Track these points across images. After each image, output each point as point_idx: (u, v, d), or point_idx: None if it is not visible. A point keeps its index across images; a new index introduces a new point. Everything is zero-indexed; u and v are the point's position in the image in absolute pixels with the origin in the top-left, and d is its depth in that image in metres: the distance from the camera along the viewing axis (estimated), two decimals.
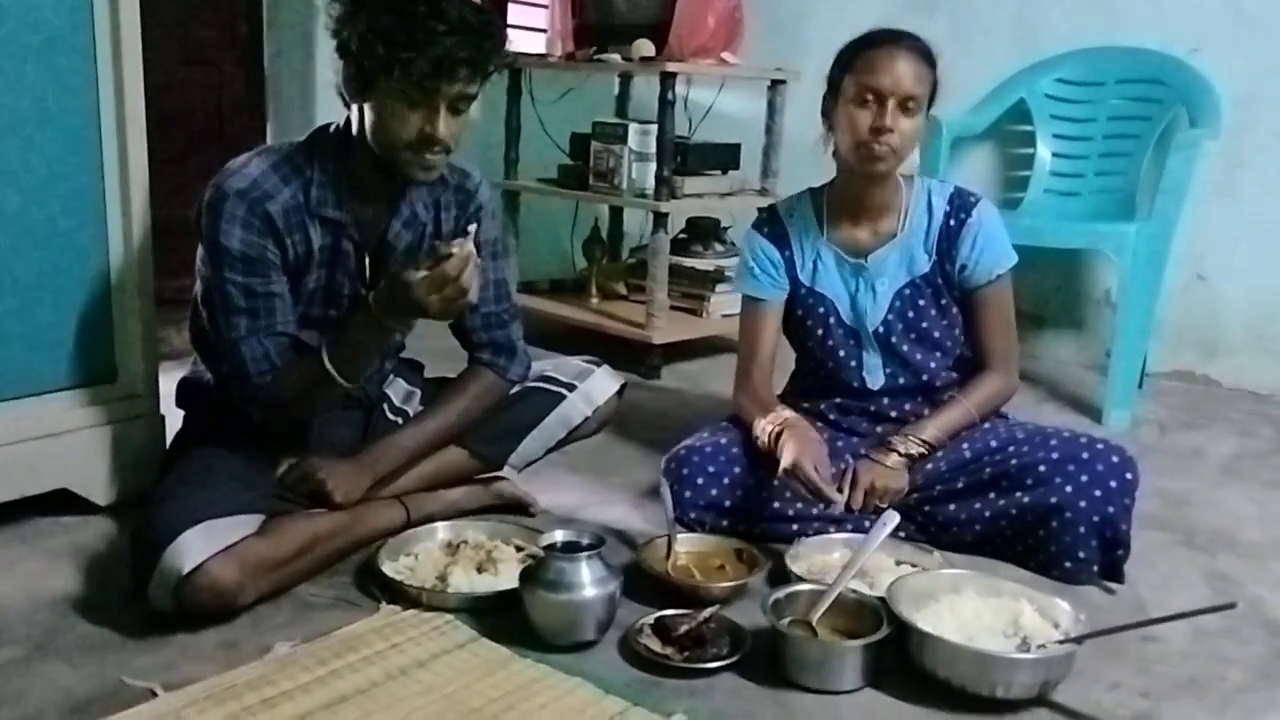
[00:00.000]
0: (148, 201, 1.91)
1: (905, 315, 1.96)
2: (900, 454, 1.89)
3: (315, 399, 1.70)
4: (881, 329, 1.97)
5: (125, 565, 1.57)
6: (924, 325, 1.97)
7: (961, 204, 1.95)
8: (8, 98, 1.72)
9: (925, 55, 1.84)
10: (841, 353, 1.99)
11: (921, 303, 1.96)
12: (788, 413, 1.87)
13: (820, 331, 2.00)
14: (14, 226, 1.76)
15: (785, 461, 1.75)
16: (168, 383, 1.94)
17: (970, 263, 1.93)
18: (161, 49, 1.92)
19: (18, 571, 1.68)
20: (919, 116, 1.83)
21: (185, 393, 1.87)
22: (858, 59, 1.84)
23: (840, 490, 1.83)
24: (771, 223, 2.04)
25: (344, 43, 1.60)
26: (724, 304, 3.26)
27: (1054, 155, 3.26)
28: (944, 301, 1.96)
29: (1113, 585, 1.80)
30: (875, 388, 2.00)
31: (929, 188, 1.98)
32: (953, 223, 1.94)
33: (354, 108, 1.66)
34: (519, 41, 3.28)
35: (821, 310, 1.99)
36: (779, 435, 1.81)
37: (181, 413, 1.89)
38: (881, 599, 1.53)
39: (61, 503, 1.86)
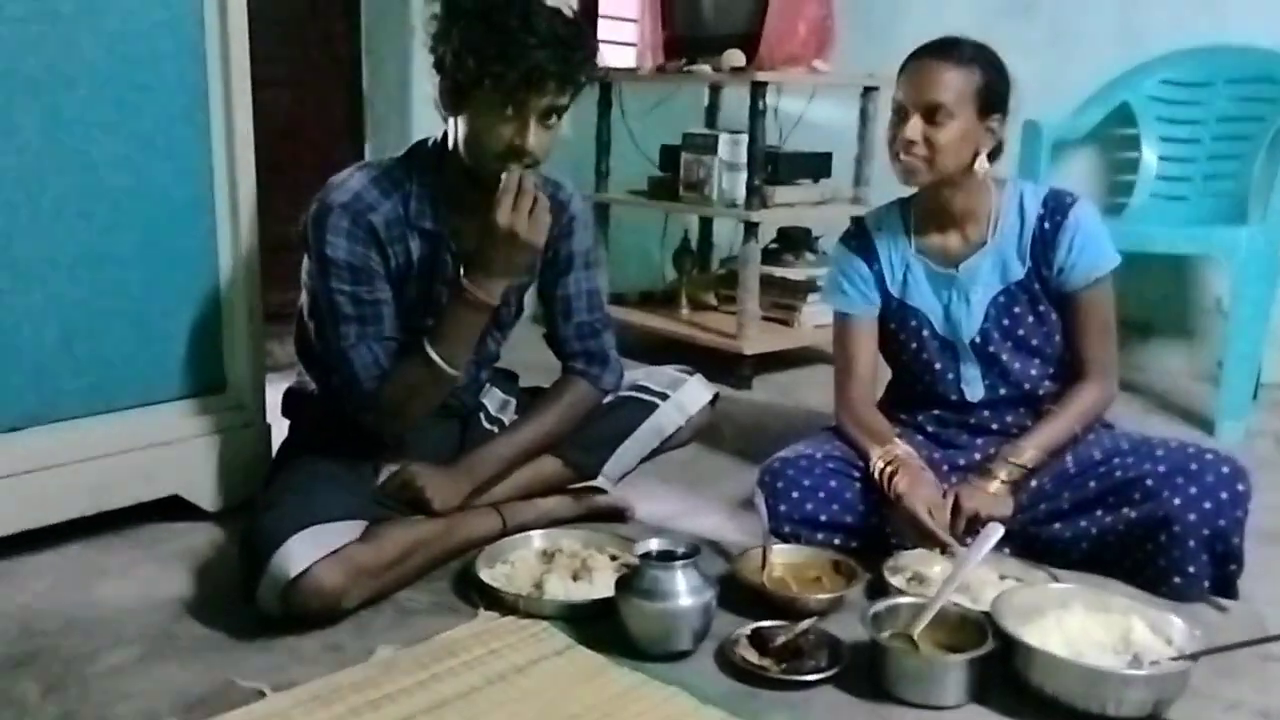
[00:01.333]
0: (255, 218, 1.97)
1: (1001, 324, 1.92)
2: (1003, 480, 1.84)
3: (425, 397, 1.73)
4: (978, 339, 1.92)
5: (234, 569, 1.62)
6: (1021, 333, 1.92)
7: (1057, 205, 1.89)
8: (126, 121, 1.80)
9: (964, 61, 1.79)
10: (938, 365, 1.96)
11: (1018, 310, 1.91)
12: (900, 448, 1.84)
13: (914, 345, 1.96)
14: (129, 244, 1.83)
15: (900, 504, 1.75)
16: (273, 394, 2.00)
17: (1068, 265, 1.87)
18: (262, 70, 1.99)
19: (133, 575, 1.75)
20: (955, 124, 1.77)
21: (290, 402, 1.93)
22: (899, 77, 1.84)
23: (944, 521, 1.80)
24: (859, 236, 2.01)
25: (440, 58, 1.64)
26: (816, 314, 3.22)
27: (1160, 159, 3.15)
28: (1042, 308, 1.91)
29: (1225, 602, 1.73)
30: (975, 400, 1.95)
31: (1022, 191, 1.92)
32: (1047, 225, 1.88)
33: (450, 121, 1.69)
34: (609, 56, 3.32)
35: (914, 323, 1.96)
36: (892, 474, 1.80)
37: (287, 422, 1.95)
38: (985, 613, 1.49)
39: (173, 509, 1.93)
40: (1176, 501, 1.71)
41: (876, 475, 1.82)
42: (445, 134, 1.72)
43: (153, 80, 1.82)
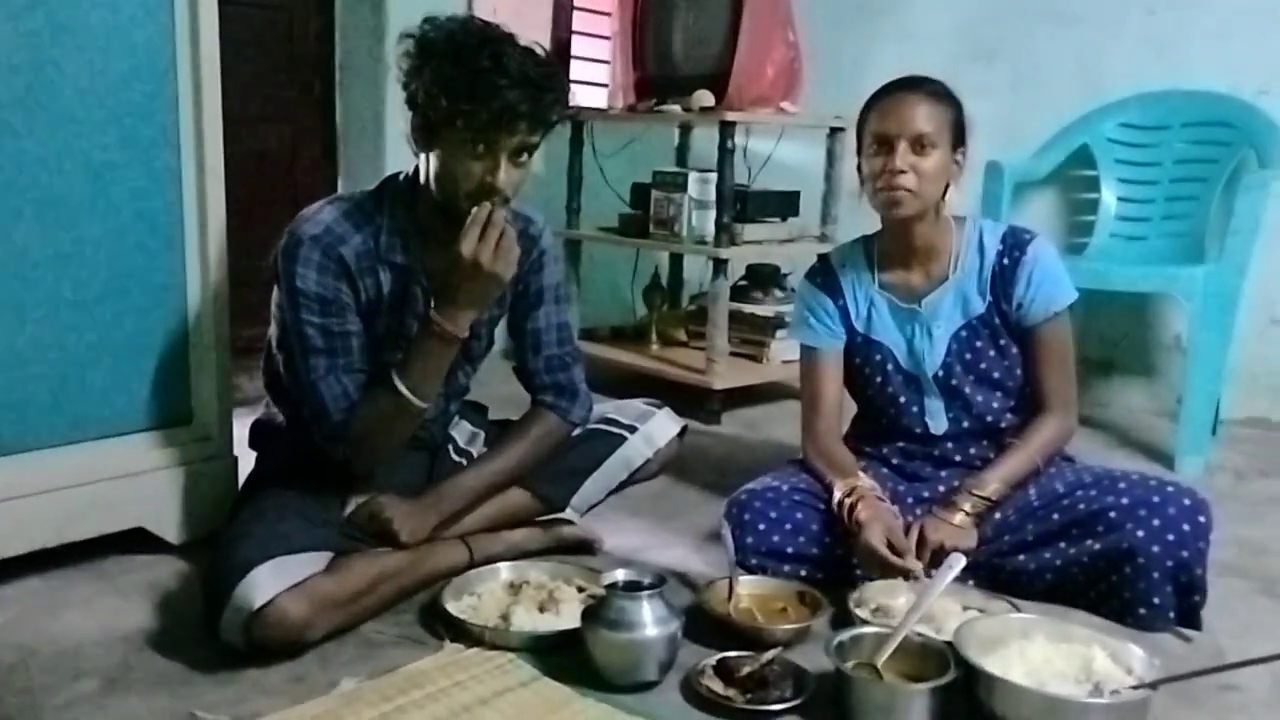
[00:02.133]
0: (225, 251, 1.97)
1: (964, 357, 1.95)
2: (967, 512, 1.86)
3: (394, 430, 1.73)
4: (941, 373, 1.95)
5: (198, 601, 1.61)
6: (983, 366, 1.95)
7: (1015, 242, 1.94)
8: (93, 149, 1.80)
9: (937, 95, 1.85)
10: (902, 399, 1.98)
11: (979, 344, 1.95)
12: (862, 481, 1.86)
13: (879, 379, 1.99)
14: (96, 274, 1.83)
15: (860, 536, 1.77)
16: (240, 428, 1.99)
17: (1026, 300, 1.91)
18: (238, 107, 2.01)
19: (95, 607, 1.73)
20: (937, 153, 1.83)
21: (258, 435, 1.92)
22: (870, 113, 1.88)
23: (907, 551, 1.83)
24: (824, 273, 2.05)
25: (412, 95, 1.65)
26: (784, 350, 3.26)
27: (1119, 199, 3.23)
28: (1003, 342, 1.94)
29: (1190, 633, 1.75)
30: (939, 433, 1.98)
31: (981, 228, 1.97)
32: (1006, 261, 1.92)
33: (421, 157, 1.71)
34: (582, 96, 3.36)
35: (879, 357, 1.99)
36: (852, 506, 1.82)
37: (254, 454, 1.94)
38: (948, 643, 1.50)
39: (137, 541, 1.91)
40: (1140, 534, 1.73)
41: (837, 508, 1.84)
42: (417, 169, 1.74)
43: (122, 116, 1.82)
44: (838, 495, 1.85)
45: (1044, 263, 1.92)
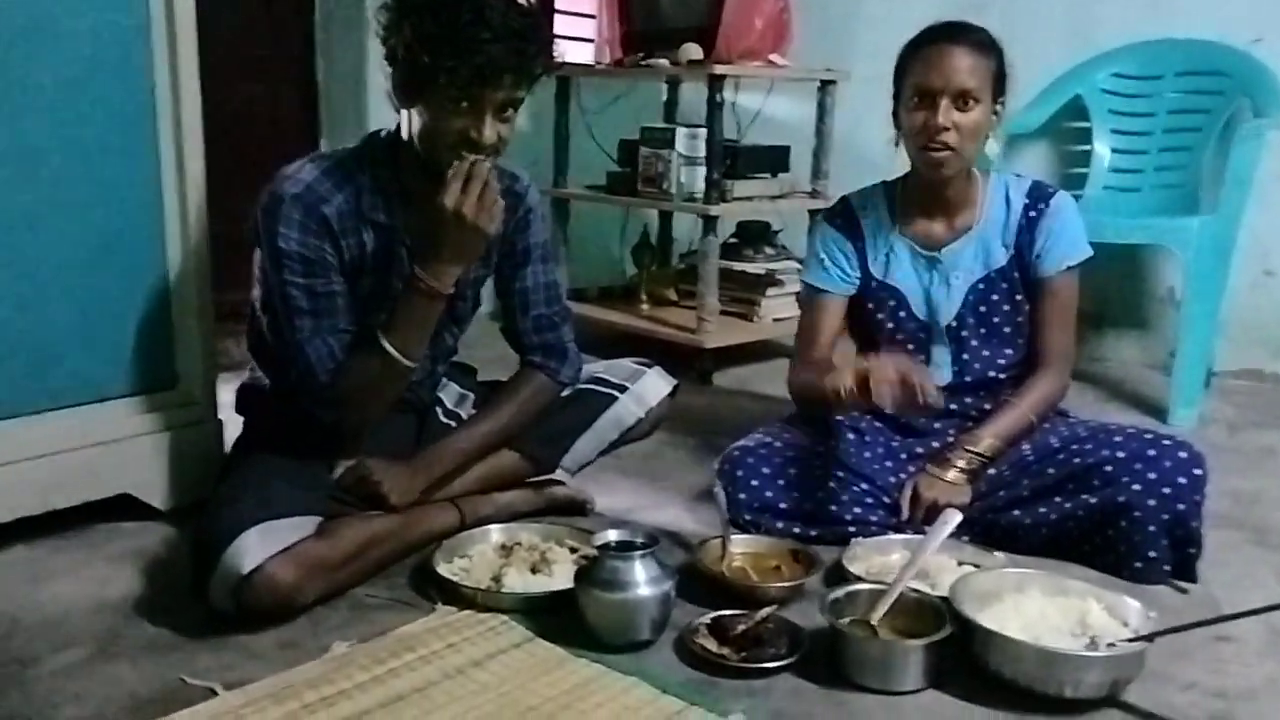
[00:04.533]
0: (205, 210, 1.94)
1: (978, 310, 1.93)
2: (961, 468, 1.85)
3: (381, 390, 1.71)
4: (954, 323, 1.93)
5: (186, 568, 1.59)
6: (996, 320, 1.93)
7: (1040, 194, 1.93)
8: (66, 110, 1.75)
9: (981, 46, 1.81)
10: (910, 347, 1.96)
11: (995, 297, 1.92)
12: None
13: (890, 325, 1.97)
14: (73, 237, 1.79)
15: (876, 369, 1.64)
16: (228, 394, 1.96)
17: (1043, 250, 1.90)
18: (216, 66, 1.96)
19: (82, 576, 1.71)
20: (979, 109, 1.80)
21: (244, 399, 1.89)
22: (912, 60, 1.83)
23: (901, 508, 1.82)
24: (844, 214, 2.02)
25: (392, 50, 1.61)
26: (775, 308, 3.24)
27: (1113, 151, 3.19)
28: (1018, 297, 1.93)
29: (1185, 585, 1.74)
30: (941, 384, 1.95)
31: (1006, 182, 1.95)
32: (1032, 214, 1.91)
33: (403, 113, 1.67)
34: (567, 51, 3.29)
35: (893, 303, 1.96)
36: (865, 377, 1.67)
37: (241, 419, 1.91)
38: (943, 599, 1.50)
39: (124, 508, 1.89)
40: (1136, 487, 1.72)
41: (852, 384, 1.68)
42: (399, 126, 1.70)
43: (96, 74, 1.78)
44: (844, 374, 1.70)
45: (1064, 216, 1.91)
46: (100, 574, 1.71)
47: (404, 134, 1.68)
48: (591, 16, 3.66)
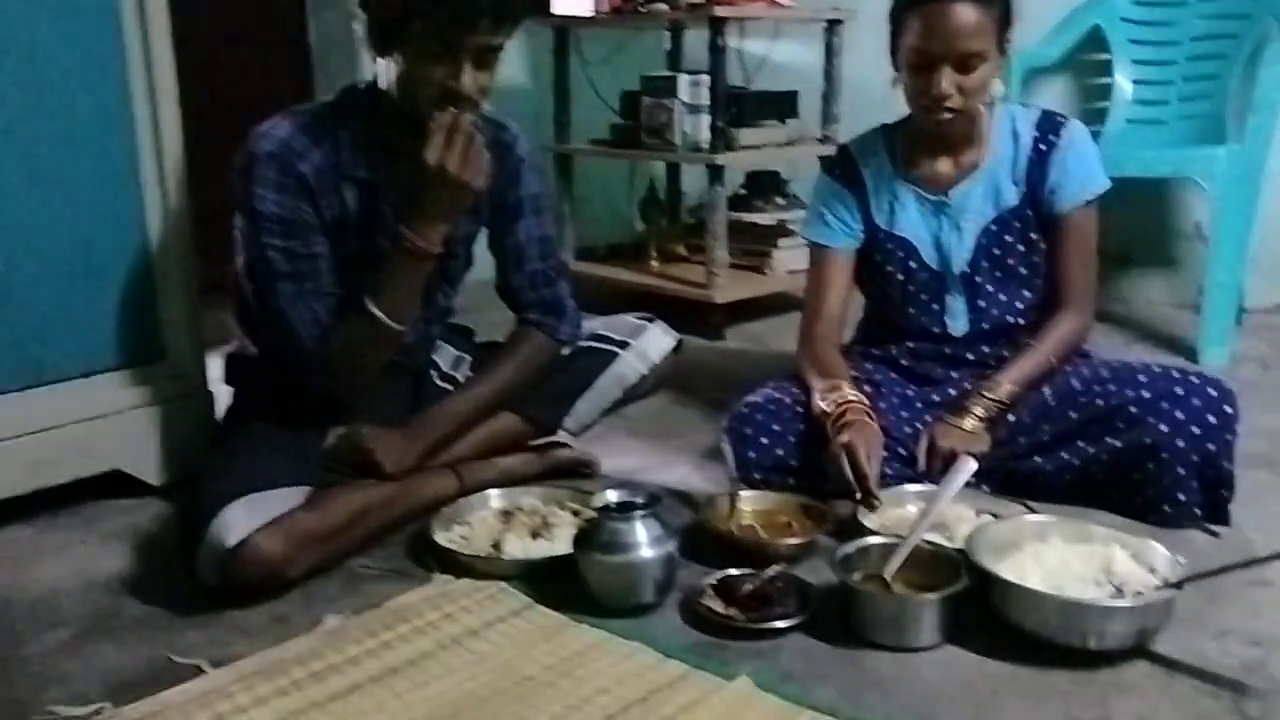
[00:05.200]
0: (184, 178, 1.88)
1: (991, 253, 1.83)
2: (979, 416, 1.76)
3: (371, 354, 1.65)
4: (968, 270, 1.84)
5: (176, 543, 1.54)
6: (1011, 263, 1.83)
7: (1050, 126, 1.82)
8: (36, 81, 1.70)
9: None
10: (924, 297, 1.87)
11: (1009, 239, 1.83)
12: (851, 393, 1.73)
13: (901, 277, 1.88)
14: (49, 211, 1.74)
15: (840, 440, 1.64)
16: (216, 363, 1.91)
17: (1058, 185, 1.80)
18: (199, 30, 1.89)
19: (71, 554, 1.67)
20: (985, 65, 1.69)
21: (232, 368, 1.84)
22: (910, 17, 1.70)
23: (916, 457, 1.75)
24: (843, 164, 1.92)
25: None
26: (788, 260, 3.14)
27: (1134, 82, 3.07)
28: (1033, 236, 1.83)
29: (1217, 528, 1.66)
30: (958, 334, 1.87)
31: (1013, 114, 1.84)
32: (1043, 147, 1.81)
33: (379, 62, 1.59)
34: (564, 3, 3.19)
35: (902, 254, 1.87)
36: (838, 418, 1.69)
37: (231, 390, 1.86)
38: (960, 551, 1.43)
39: (116, 485, 1.85)
40: (1163, 428, 1.64)
41: (820, 414, 1.73)
42: (376, 77, 1.63)
43: (66, 46, 1.72)
44: (820, 403, 1.74)
45: (1079, 147, 1.81)
46: (91, 552, 1.68)
47: (382, 84, 1.60)
48: None
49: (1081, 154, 1.80)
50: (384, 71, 1.60)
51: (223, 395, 1.88)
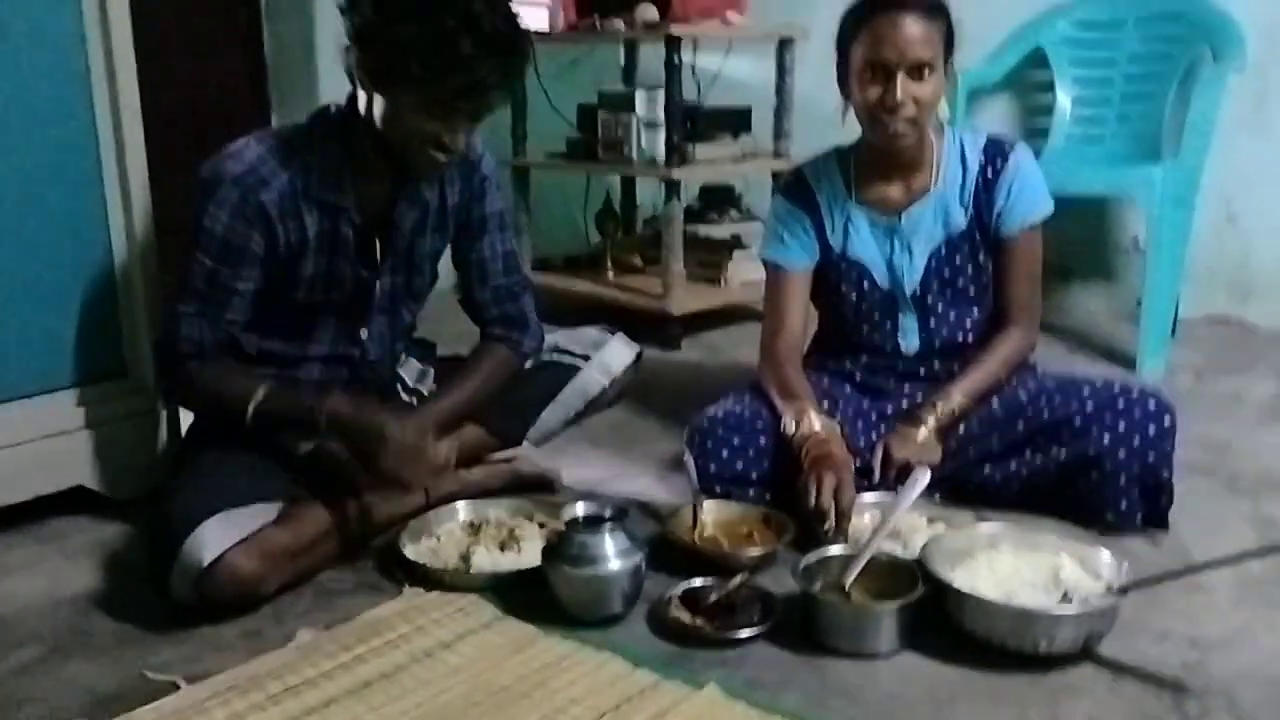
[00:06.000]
0: (148, 193, 1.88)
1: (942, 274, 1.90)
2: (931, 427, 1.83)
3: (223, 409, 1.65)
4: (919, 291, 1.91)
5: (145, 560, 1.55)
6: (960, 283, 1.90)
7: (997, 151, 1.89)
8: (3, 100, 1.69)
9: (930, 9, 1.75)
10: (877, 316, 1.93)
11: (958, 260, 1.90)
12: (819, 421, 1.77)
13: (855, 297, 1.93)
14: (12, 225, 1.73)
15: (812, 472, 1.68)
16: None
17: (1005, 210, 1.87)
18: (159, 43, 1.89)
19: (37, 571, 1.67)
20: (935, 77, 1.75)
21: None
22: (860, 30, 1.76)
23: (871, 468, 1.80)
24: (799, 186, 1.97)
25: (359, 30, 1.53)
26: (742, 271, 3.20)
27: (1075, 101, 3.17)
28: (981, 258, 1.90)
29: (1157, 534, 1.74)
30: (910, 352, 1.94)
31: (961, 140, 1.91)
32: (990, 172, 1.88)
33: (362, 91, 1.59)
34: (522, 20, 3.22)
35: (856, 275, 1.92)
36: (809, 449, 1.72)
37: None
38: (916, 560, 1.48)
39: (78, 501, 1.84)
40: (1105, 439, 1.72)
41: (789, 440, 1.77)
42: (351, 99, 1.64)
43: (28, 58, 1.71)
44: (789, 428, 1.78)
45: (1025, 173, 1.88)
46: (57, 569, 1.67)
47: (360, 107, 1.60)
48: None
49: (1027, 180, 1.87)
50: (364, 97, 1.59)
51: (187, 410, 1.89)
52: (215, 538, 1.45)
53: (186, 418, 1.88)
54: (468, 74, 1.48)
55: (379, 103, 1.56)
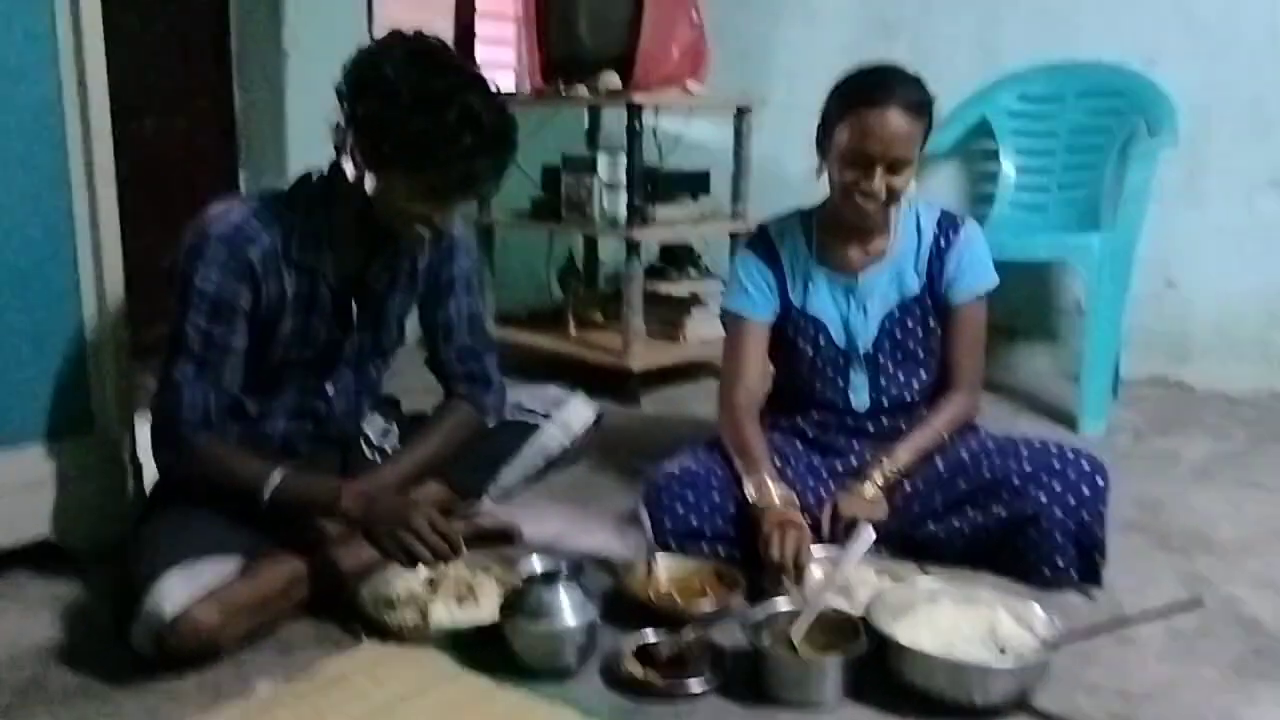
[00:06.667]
0: (119, 250, 1.91)
1: (894, 336, 1.99)
2: (878, 484, 1.90)
3: (226, 490, 1.66)
4: (871, 350, 1.99)
5: (107, 613, 1.57)
6: (911, 346, 2.00)
7: (950, 224, 2.00)
8: None
9: (916, 108, 1.82)
10: (830, 373, 2.02)
11: (910, 324, 1.99)
12: (775, 493, 1.81)
13: (810, 352, 2.02)
14: None
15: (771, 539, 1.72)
16: (147, 430, 1.93)
17: (954, 279, 1.97)
18: (129, 98, 1.93)
19: None
20: (910, 168, 1.84)
21: None
22: (847, 115, 1.82)
23: (820, 524, 1.87)
24: (763, 242, 2.05)
25: (358, 117, 1.57)
26: (701, 328, 3.29)
27: (1018, 170, 3.31)
28: (931, 323, 2.00)
29: (1092, 590, 1.82)
30: (860, 409, 2.02)
31: (917, 210, 2.01)
32: (943, 243, 1.98)
33: (351, 165, 1.62)
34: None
35: (813, 331, 2.01)
36: (763, 514, 1.77)
37: None
38: (860, 615, 1.54)
39: (41, 554, 1.85)
40: (1043, 498, 1.80)
41: (750, 505, 1.82)
42: (333, 168, 1.68)
43: (3, 112, 1.75)
44: (750, 492, 1.84)
45: (974, 246, 1.99)
46: (18, 622, 1.68)
47: (350, 177, 1.62)
48: (511, 44, 3.70)
49: (976, 253, 1.98)
50: (351, 170, 1.62)
51: (152, 464, 1.91)
52: (177, 591, 1.48)
53: (151, 473, 1.91)
54: (466, 166, 1.56)
55: (370, 180, 1.61)
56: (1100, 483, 1.81)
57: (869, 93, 1.82)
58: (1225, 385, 3.20)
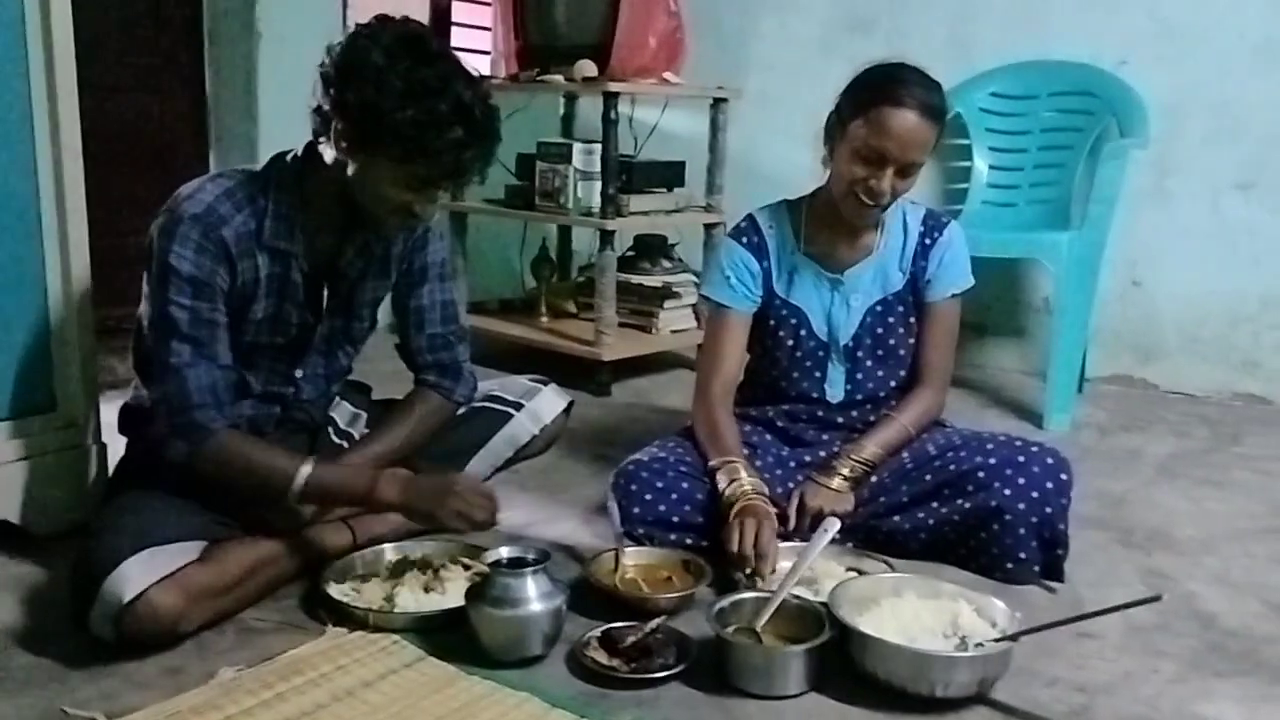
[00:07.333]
0: (85, 228, 1.89)
1: (875, 331, 2.00)
2: (845, 476, 1.92)
3: (245, 487, 1.66)
4: (851, 343, 2.01)
5: (66, 596, 1.55)
6: (891, 342, 2.01)
7: (935, 224, 2.02)
8: None
9: (935, 112, 1.81)
10: (808, 364, 2.03)
11: (891, 320, 2.00)
12: (748, 481, 1.83)
13: (790, 343, 2.02)
14: None
15: (737, 525, 1.73)
16: (111, 412, 1.91)
17: (933, 277, 1.99)
18: (99, 76, 1.90)
19: None
20: (917, 173, 1.85)
21: (127, 419, 1.85)
22: (871, 109, 1.80)
23: (787, 515, 1.88)
24: (751, 232, 2.05)
25: (350, 106, 1.55)
26: (673, 320, 3.29)
27: (990, 168, 3.34)
28: (912, 320, 2.01)
29: (1053, 584, 1.84)
30: (834, 401, 2.03)
31: (903, 209, 2.02)
32: (927, 241, 2.00)
33: (330, 146, 1.61)
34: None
35: (794, 322, 2.02)
36: (736, 503, 1.78)
37: (124, 440, 1.87)
38: (824, 604, 1.55)
39: (3, 536, 1.83)
40: (1006, 492, 1.81)
41: (720, 494, 1.83)
42: (308, 148, 1.67)
43: None
44: (719, 483, 1.85)
45: (955, 247, 2.01)
46: None
47: (327, 161, 1.62)
48: (487, 29, 3.67)
49: (956, 254, 2.01)
50: (330, 154, 1.61)
51: (116, 445, 1.90)
52: (137, 575, 1.46)
53: (115, 454, 1.89)
54: (455, 157, 1.55)
55: (352, 167, 1.60)
56: (1064, 478, 1.83)
57: (893, 90, 1.79)
58: (1188, 385, 3.25)
